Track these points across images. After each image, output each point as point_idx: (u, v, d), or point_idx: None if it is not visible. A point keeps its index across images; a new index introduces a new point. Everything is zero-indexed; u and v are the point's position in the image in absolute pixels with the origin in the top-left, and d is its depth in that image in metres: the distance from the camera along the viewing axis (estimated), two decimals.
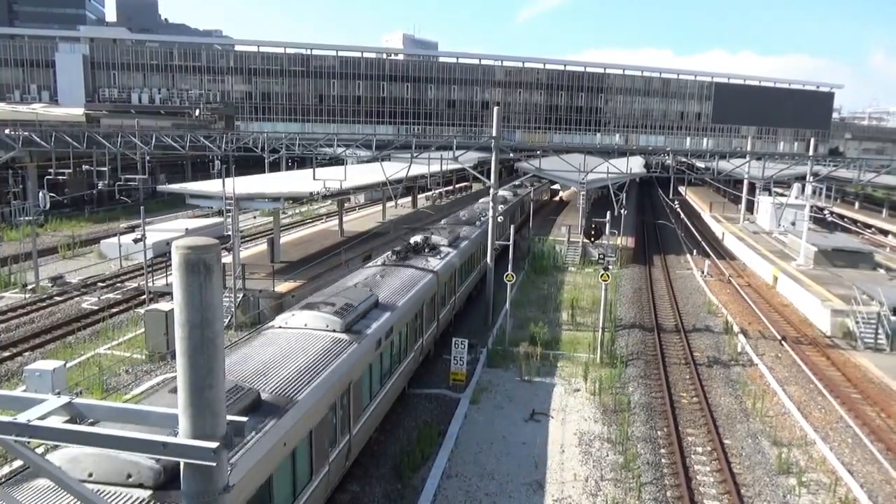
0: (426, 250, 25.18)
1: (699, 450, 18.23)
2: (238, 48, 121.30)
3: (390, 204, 54.35)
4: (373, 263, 23.75)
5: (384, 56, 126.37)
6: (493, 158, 29.79)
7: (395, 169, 40.02)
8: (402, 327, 18.57)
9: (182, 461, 4.86)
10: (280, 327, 15.36)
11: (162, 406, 5.62)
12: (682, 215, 56.02)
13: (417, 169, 39.67)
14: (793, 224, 45.96)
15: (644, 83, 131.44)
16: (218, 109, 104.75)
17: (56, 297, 31.38)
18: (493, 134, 29.76)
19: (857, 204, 74.15)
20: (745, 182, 57.73)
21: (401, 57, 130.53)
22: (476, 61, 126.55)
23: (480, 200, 43.36)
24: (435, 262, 23.88)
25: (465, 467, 16.60)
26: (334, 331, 15.04)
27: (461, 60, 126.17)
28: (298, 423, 11.57)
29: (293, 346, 14.00)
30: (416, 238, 26.92)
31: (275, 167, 57.90)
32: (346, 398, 14.09)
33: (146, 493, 8.05)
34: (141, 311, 26.98)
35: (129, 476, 8.35)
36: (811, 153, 48.67)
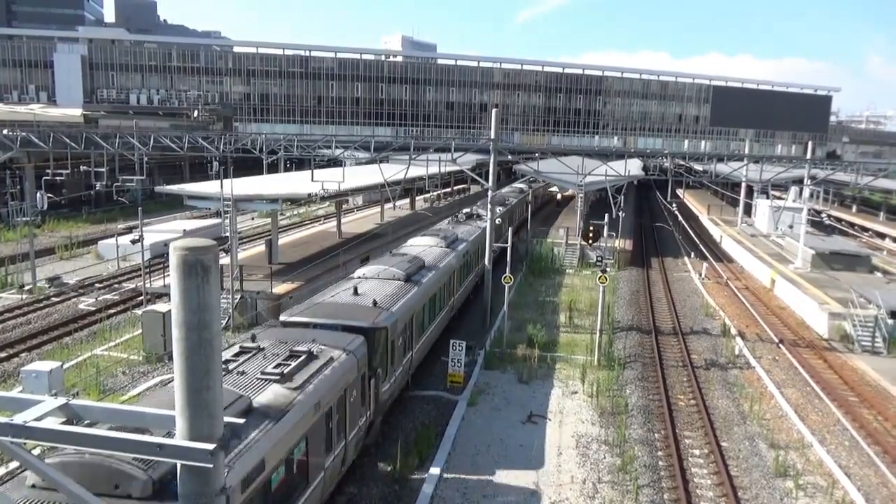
0: (475, 216, 37.65)
1: (696, 452, 18.24)
2: (237, 49, 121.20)
3: (388, 206, 54.37)
4: (441, 223, 36.04)
5: (383, 58, 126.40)
6: (492, 160, 29.80)
7: (393, 171, 39.97)
8: (471, 253, 31.11)
9: (178, 462, 4.85)
10: (411, 245, 28.05)
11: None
12: (680, 218, 56.10)
13: (415, 171, 39.62)
14: (790, 227, 45.98)
15: (642, 86, 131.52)
16: (216, 110, 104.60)
17: (53, 297, 31.33)
18: (492, 136, 29.78)
19: (854, 207, 74.32)
20: (743, 185, 57.84)
21: (399, 59, 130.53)
22: (474, 63, 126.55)
23: (505, 189, 58.12)
24: (481, 223, 34.87)
25: (462, 469, 16.58)
26: (441, 247, 27.67)
27: (460, 62, 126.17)
28: (442, 276, 24.29)
29: (425, 250, 26.51)
30: (467, 209, 39.50)
31: (273, 168, 57.82)
32: (453, 279, 26.60)
33: (401, 281, 20.70)
34: (138, 312, 26.93)
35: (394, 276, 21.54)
36: (809, 156, 48.76)
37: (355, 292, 18.92)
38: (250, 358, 13.07)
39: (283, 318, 17.73)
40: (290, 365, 12.63)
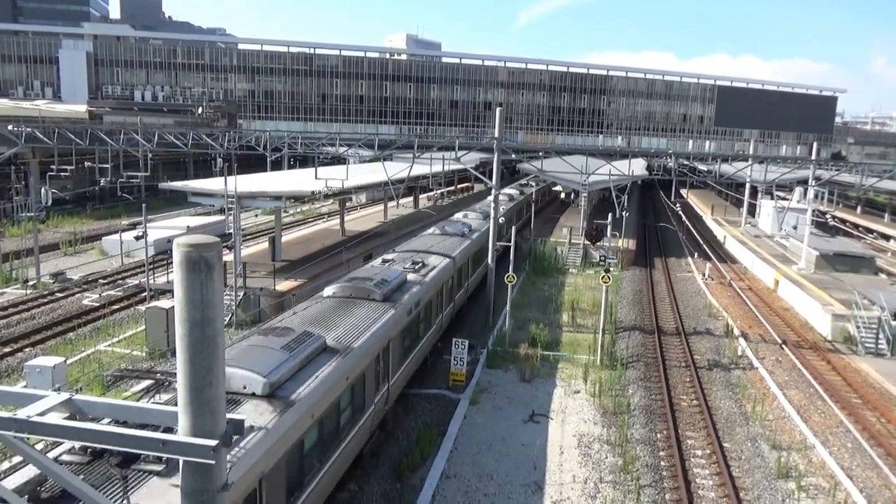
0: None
1: (698, 453, 18.21)
2: (241, 46, 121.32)
3: (392, 204, 54.36)
4: (479, 205, 41.99)
5: (387, 56, 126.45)
6: (495, 159, 29.79)
7: (396, 169, 40.04)
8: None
9: (181, 458, 4.86)
10: (464, 213, 36.70)
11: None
12: (684, 218, 56.00)
13: (419, 169, 39.64)
14: (794, 228, 45.87)
15: (647, 85, 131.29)
16: (220, 107, 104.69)
17: (57, 293, 31.40)
18: (496, 135, 29.76)
19: (858, 208, 74.07)
20: (748, 185, 57.73)
21: (404, 57, 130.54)
22: (479, 62, 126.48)
23: (520, 182, 64.42)
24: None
25: (463, 468, 16.59)
26: (482, 219, 34.46)
27: (464, 61, 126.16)
28: (481, 240, 31.18)
29: (473, 221, 33.98)
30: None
31: (277, 166, 57.95)
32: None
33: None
34: (142, 308, 27.00)
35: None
36: (814, 157, 48.66)
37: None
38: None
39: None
40: (419, 263, 22.54)
